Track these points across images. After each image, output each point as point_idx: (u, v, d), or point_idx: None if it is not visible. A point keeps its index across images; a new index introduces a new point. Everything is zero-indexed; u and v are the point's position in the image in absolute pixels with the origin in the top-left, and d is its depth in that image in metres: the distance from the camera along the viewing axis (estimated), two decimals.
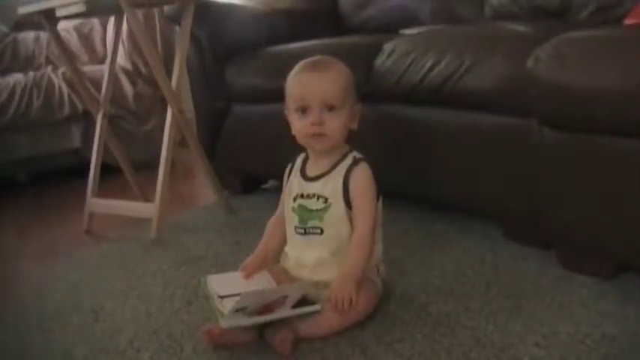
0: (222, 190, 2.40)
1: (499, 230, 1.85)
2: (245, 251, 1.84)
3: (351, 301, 1.34)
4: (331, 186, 1.45)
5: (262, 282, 1.48)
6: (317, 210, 1.45)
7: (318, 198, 1.45)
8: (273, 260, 1.57)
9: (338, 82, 1.43)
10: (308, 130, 1.44)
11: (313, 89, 1.42)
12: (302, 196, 1.48)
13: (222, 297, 1.40)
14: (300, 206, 1.48)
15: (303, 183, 1.50)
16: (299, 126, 1.45)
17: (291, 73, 1.48)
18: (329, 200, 1.44)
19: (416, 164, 1.93)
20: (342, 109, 1.43)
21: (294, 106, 1.45)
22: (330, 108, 1.42)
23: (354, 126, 1.48)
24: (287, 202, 1.52)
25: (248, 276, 1.49)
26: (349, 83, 1.45)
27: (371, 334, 1.38)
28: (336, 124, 1.43)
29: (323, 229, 1.45)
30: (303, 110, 1.44)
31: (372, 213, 1.44)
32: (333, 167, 1.47)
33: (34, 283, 1.93)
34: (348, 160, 1.47)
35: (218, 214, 2.36)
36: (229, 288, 1.43)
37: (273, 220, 1.60)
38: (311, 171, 1.51)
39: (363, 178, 1.45)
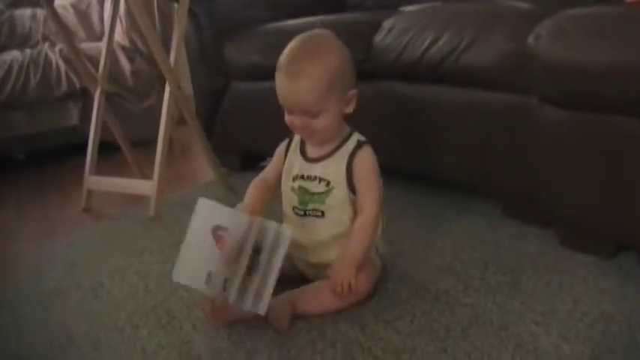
0: (221, 167, 2.39)
1: (498, 208, 1.85)
2: None
3: (350, 286, 1.35)
4: (334, 169, 1.42)
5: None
6: (318, 193, 1.43)
7: (320, 181, 1.43)
8: None
9: (314, 90, 1.34)
10: (294, 130, 1.42)
11: (290, 99, 1.37)
12: (302, 177, 1.45)
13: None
14: (301, 188, 1.45)
15: (304, 163, 1.46)
16: (287, 121, 1.41)
17: (278, 60, 1.41)
18: (331, 184, 1.42)
19: (415, 142, 1.92)
20: (324, 111, 1.36)
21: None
22: (311, 115, 1.37)
23: (349, 110, 1.42)
24: (285, 181, 1.49)
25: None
26: (332, 80, 1.35)
27: (370, 311, 1.38)
28: (321, 125, 1.38)
29: (324, 212, 1.43)
30: (288, 110, 1.40)
31: (378, 197, 1.42)
32: (336, 149, 1.43)
33: (32, 260, 1.93)
34: (352, 143, 1.43)
35: (216, 192, 2.35)
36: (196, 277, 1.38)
37: (257, 183, 1.52)
38: (312, 151, 1.47)
39: (367, 161, 1.42)
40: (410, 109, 1.90)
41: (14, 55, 3.16)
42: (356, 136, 1.45)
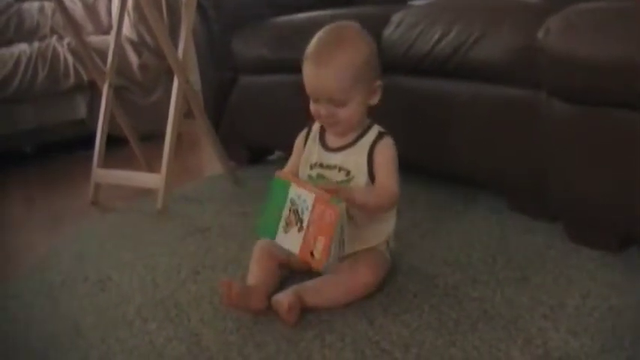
0: (229, 161, 2.39)
1: (506, 203, 1.84)
2: (251, 222, 1.85)
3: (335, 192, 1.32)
4: (355, 159, 1.43)
5: None
6: (338, 182, 1.42)
7: (340, 170, 1.43)
8: None
9: (342, 78, 1.36)
10: (319, 119, 1.44)
11: (317, 87, 1.39)
12: (321, 165, 1.46)
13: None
14: (319, 176, 1.45)
15: (323, 152, 1.47)
16: (312, 110, 1.43)
17: (306, 50, 1.42)
18: (351, 173, 1.42)
19: (423, 136, 1.92)
20: (351, 100, 1.38)
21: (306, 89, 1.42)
22: (337, 103, 1.39)
23: (374, 101, 1.44)
24: (303, 169, 1.49)
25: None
26: (360, 70, 1.37)
27: (378, 305, 1.38)
28: (346, 114, 1.40)
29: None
30: (314, 98, 1.41)
31: (397, 181, 1.42)
32: (357, 140, 1.44)
33: (40, 253, 1.93)
34: (372, 134, 1.44)
35: (224, 185, 2.36)
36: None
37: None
38: (332, 141, 1.48)
39: (388, 151, 1.43)
40: (418, 103, 1.89)
41: (22, 48, 3.17)
42: (376, 128, 1.46)
